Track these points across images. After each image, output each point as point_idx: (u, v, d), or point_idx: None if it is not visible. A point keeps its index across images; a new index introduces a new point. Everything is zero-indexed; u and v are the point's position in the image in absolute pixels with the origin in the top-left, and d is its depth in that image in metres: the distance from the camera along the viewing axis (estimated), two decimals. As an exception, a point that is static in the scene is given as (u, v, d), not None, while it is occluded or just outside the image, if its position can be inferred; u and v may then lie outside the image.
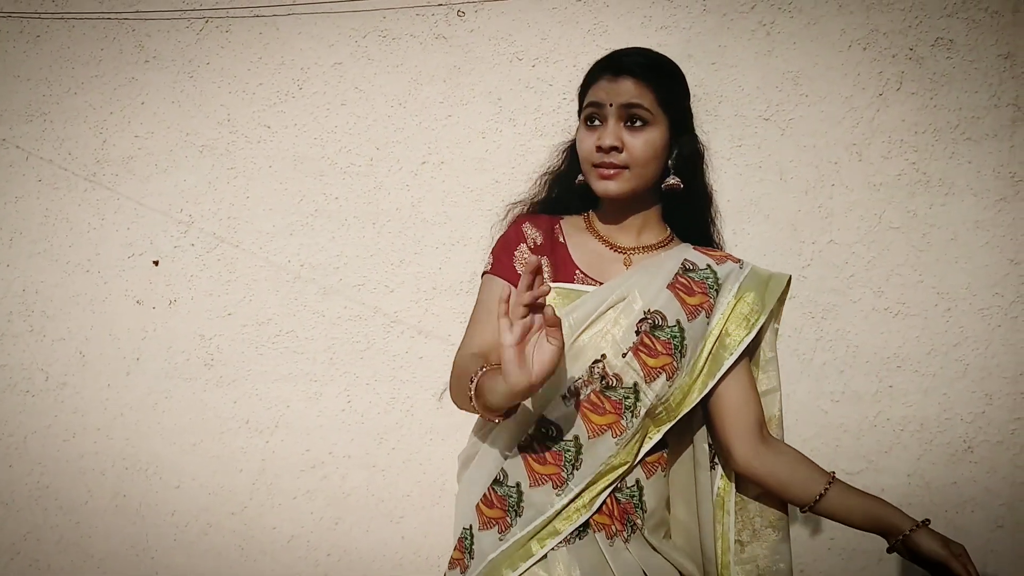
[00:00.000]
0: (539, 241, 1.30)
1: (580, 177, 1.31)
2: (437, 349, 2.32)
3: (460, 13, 2.34)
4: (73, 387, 2.39)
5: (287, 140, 2.36)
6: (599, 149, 1.24)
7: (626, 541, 1.24)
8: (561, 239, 1.32)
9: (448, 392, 1.28)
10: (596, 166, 1.25)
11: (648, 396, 1.23)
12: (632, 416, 1.22)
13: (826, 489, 1.28)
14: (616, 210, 1.31)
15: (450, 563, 1.30)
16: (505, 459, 1.25)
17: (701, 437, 1.33)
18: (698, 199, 1.36)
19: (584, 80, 1.32)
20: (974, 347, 2.24)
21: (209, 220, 2.37)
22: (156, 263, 2.38)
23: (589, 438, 1.22)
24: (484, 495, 1.26)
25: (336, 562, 2.34)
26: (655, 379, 1.23)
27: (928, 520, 1.27)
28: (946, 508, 2.24)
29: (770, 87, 2.29)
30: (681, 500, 1.35)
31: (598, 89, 1.26)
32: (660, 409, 1.25)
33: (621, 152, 1.23)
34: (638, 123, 1.23)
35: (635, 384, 1.22)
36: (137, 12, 2.38)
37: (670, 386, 1.24)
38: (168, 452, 2.37)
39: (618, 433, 1.22)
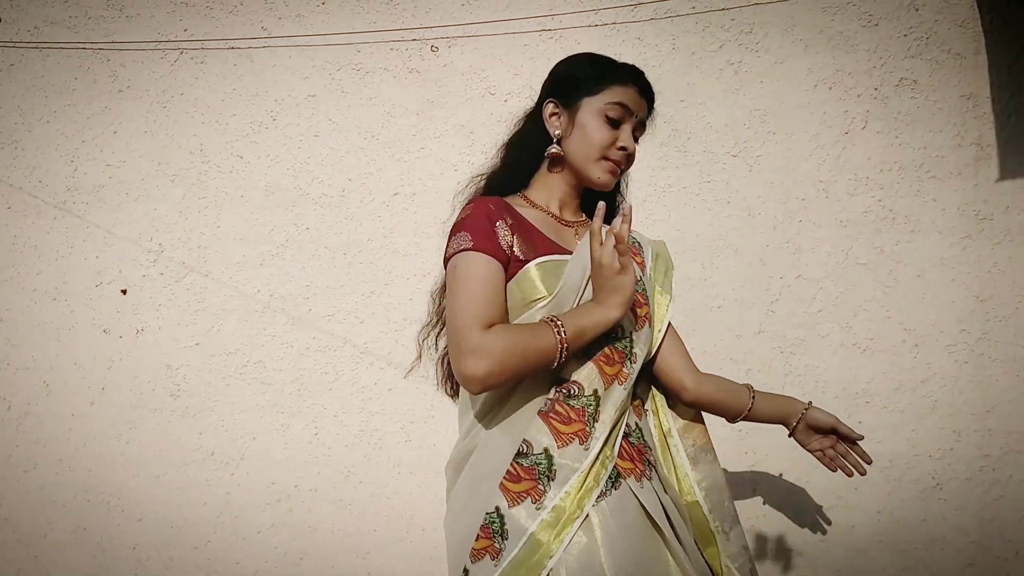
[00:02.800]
0: (509, 220, 1.35)
1: (554, 148, 1.42)
2: (407, 381, 2.31)
3: (433, 48, 2.37)
4: (36, 416, 2.35)
5: (259, 170, 2.37)
6: (621, 149, 1.40)
7: (650, 479, 1.34)
8: (521, 216, 1.38)
9: (466, 372, 1.24)
10: (610, 159, 1.40)
11: (639, 344, 1.37)
12: (631, 363, 1.35)
13: (753, 398, 1.54)
14: (561, 190, 1.45)
15: (473, 555, 1.26)
16: (526, 430, 1.28)
17: (642, 389, 1.47)
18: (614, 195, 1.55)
19: (603, 68, 1.42)
20: (942, 383, 2.25)
21: (179, 249, 2.36)
22: (124, 292, 2.37)
23: (605, 389, 1.31)
24: (508, 472, 1.26)
25: (300, 598, 2.30)
26: (643, 327, 1.39)
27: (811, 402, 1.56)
28: (916, 545, 2.23)
29: (738, 124, 2.33)
30: None
31: (629, 96, 1.40)
32: (647, 355, 1.41)
33: (632, 157, 1.44)
34: (639, 135, 1.46)
35: (631, 333, 1.36)
36: (112, 42, 2.39)
37: (649, 330, 1.41)
38: (131, 484, 2.32)
39: (623, 380, 1.33)
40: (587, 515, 1.24)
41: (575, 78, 1.42)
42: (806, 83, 2.32)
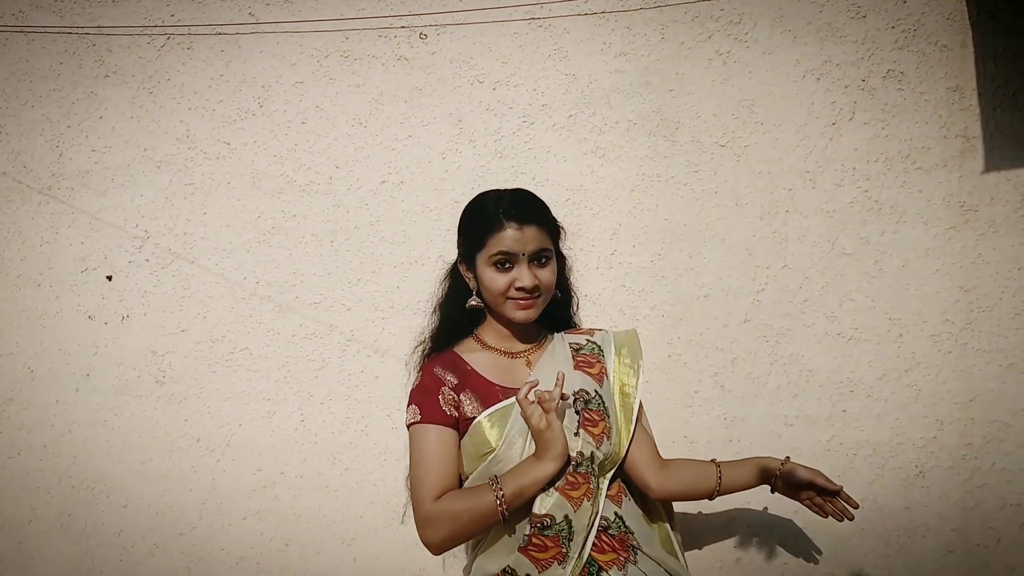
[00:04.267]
0: (454, 381, 1.52)
1: (472, 302, 1.55)
2: (393, 369, 2.31)
3: (422, 35, 2.37)
4: (20, 403, 2.34)
5: (246, 157, 2.36)
6: (520, 289, 1.49)
7: (635, 563, 1.46)
8: (468, 367, 1.55)
9: (428, 529, 1.44)
10: (513, 299, 1.50)
11: (599, 456, 1.49)
12: (595, 478, 1.48)
13: (720, 476, 1.59)
14: (500, 329, 1.59)
15: None
16: (507, 559, 1.44)
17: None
18: (567, 296, 1.67)
19: (478, 223, 1.52)
20: (925, 373, 2.26)
21: (165, 236, 2.35)
22: (110, 278, 2.36)
23: (575, 511, 1.45)
24: None
25: (285, 585, 2.30)
26: (602, 442, 1.50)
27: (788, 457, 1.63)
28: (898, 533, 2.25)
29: (726, 114, 2.33)
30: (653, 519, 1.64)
31: (505, 239, 1.48)
32: (609, 460, 1.52)
33: (538, 288, 1.50)
34: (543, 261, 1.51)
35: (592, 453, 1.48)
36: (98, 27, 2.37)
37: (611, 443, 1.51)
38: (116, 471, 2.32)
39: (591, 496, 1.47)
40: None
41: (467, 238, 1.55)
42: (794, 74, 2.33)
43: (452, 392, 1.51)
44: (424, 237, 2.33)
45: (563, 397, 1.42)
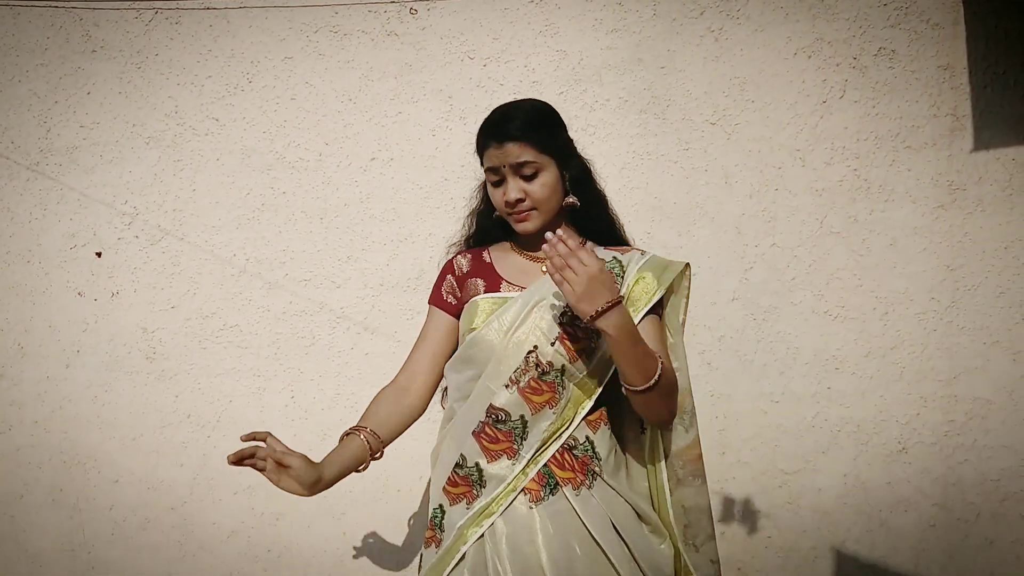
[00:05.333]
0: (466, 268, 1.61)
1: (497, 213, 1.58)
2: (383, 345, 2.32)
3: (412, 11, 2.35)
4: (11, 379, 2.35)
5: (235, 133, 2.35)
6: (507, 204, 1.50)
7: (590, 488, 1.46)
8: (488, 260, 1.62)
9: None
10: (510, 214, 1.52)
11: (573, 376, 1.48)
12: (563, 390, 1.47)
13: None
14: (529, 235, 1.56)
15: (425, 542, 1.54)
16: (463, 445, 1.48)
17: (630, 410, 1.52)
18: (595, 206, 1.60)
19: (477, 144, 1.56)
20: (910, 351, 2.29)
21: (154, 212, 2.35)
22: (99, 255, 2.35)
23: (532, 414, 1.46)
24: (449, 478, 1.49)
25: (276, 558, 2.33)
26: (577, 360, 1.47)
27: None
28: (880, 508, 2.28)
29: (717, 92, 2.33)
30: (631, 455, 1.60)
31: (490, 156, 1.50)
32: (587, 383, 1.49)
33: (525, 200, 1.50)
34: (530, 173, 1.49)
35: (563, 366, 1.47)
36: (85, 1, 2.35)
37: (590, 362, 1.48)
38: (107, 446, 2.33)
39: (554, 405, 1.47)
40: (504, 510, 1.44)
41: (478, 156, 1.57)
42: (785, 51, 2.32)
43: (455, 280, 1.60)
44: (414, 214, 2.33)
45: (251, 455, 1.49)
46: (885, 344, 2.29)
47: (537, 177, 1.49)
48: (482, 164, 1.54)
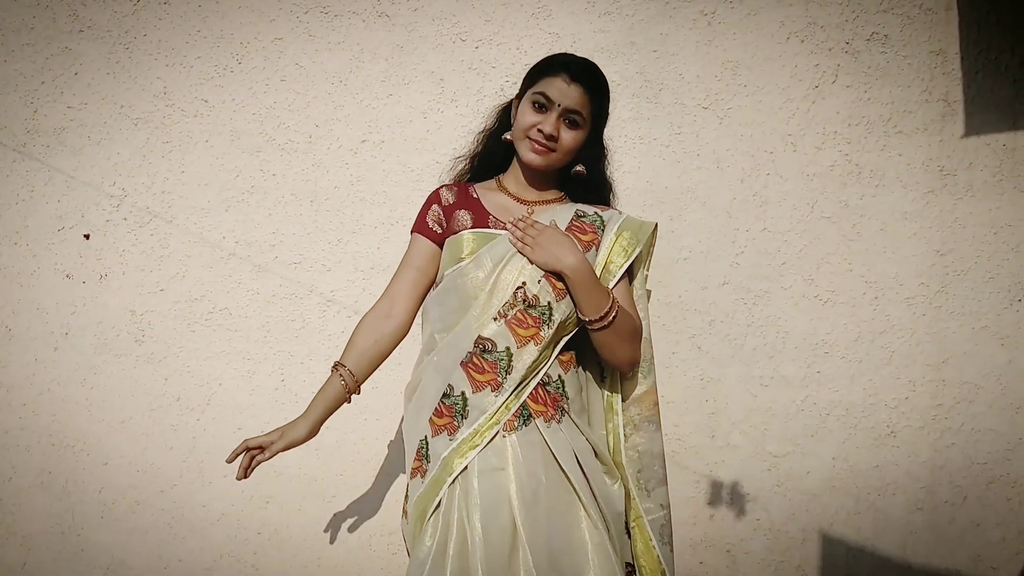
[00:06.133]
0: (452, 200, 1.68)
1: (507, 135, 1.66)
2: (374, 329, 2.31)
3: (403, -9, 2.33)
4: (-2, 362, 2.34)
5: (224, 115, 2.33)
6: (539, 131, 1.58)
7: (559, 422, 1.56)
8: (475, 196, 1.68)
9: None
10: (531, 139, 1.59)
11: (558, 312, 1.56)
12: (548, 327, 1.55)
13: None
14: (525, 173, 1.68)
15: (411, 473, 1.61)
16: (451, 375, 1.55)
17: (594, 359, 1.66)
18: (599, 186, 1.71)
19: (540, 66, 1.63)
20: (899, 335, 2.30)
21: (143, 194, 2.33)
22: (87, 237, 2.33)
23: (518, 347, 1.54)
24: (435, 408, 1.56)
25: (266, 541, 2.33)
26: (563, 297, 1.56)
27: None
28: (868, 491, 2.30)
29: (710, 76, 2.32)
30: (591, 401, 1.71)
31: (552, 85, 1.58)
32: (567, 322, 1.58)
33: (556, 140, 1.59)
34: (574, 124, 1.60)
35: (548, 303, 1.56)
36: (71, -21, 2.32)
37: (570, 303, 1.57)
38: (96, 429, 2.32)
39: (539, 341, 1.55)
40: (487, 444, 1.51)
41: (528, 76, 1.65)
42: (778, 36, 2.32)
43: (441, 210, 1.67)
44: (405, 197, 2.32)
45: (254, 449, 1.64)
46: (874, 328, 2.30)
47: (574, 130, 1.60)
48: (530, 85, 1.61)
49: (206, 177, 2.33)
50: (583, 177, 1.66)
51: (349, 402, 1.66)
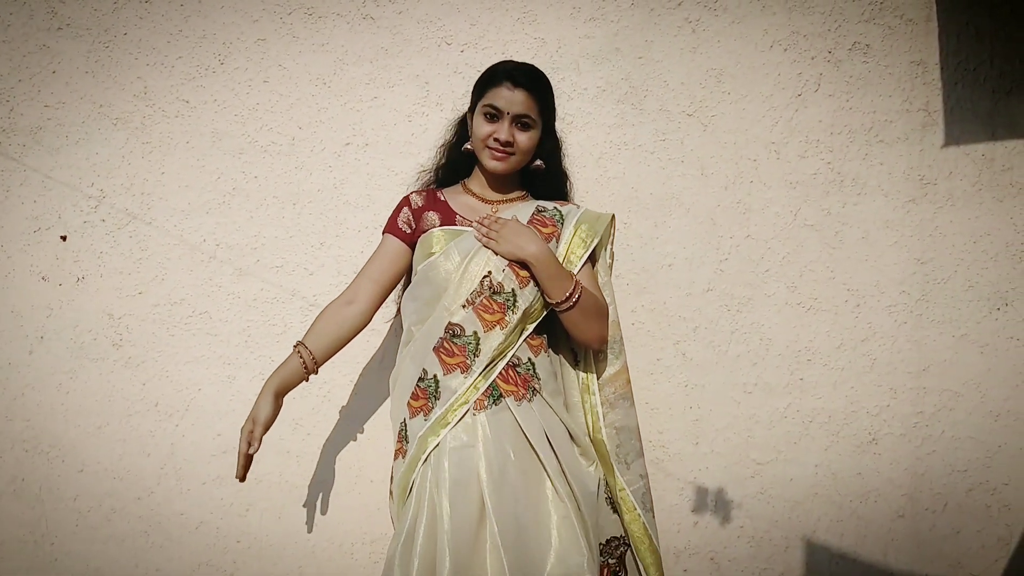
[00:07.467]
0: (420, 203, 1.85)
1: (466, 146, 1.83)
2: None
3: (389, -6, 2.32)
4: (-30, 366, 2.28)
5: (206, 116, 2.30)
6: (495, 140, 1.74)
7: (530, 401, 1.68)
8: (442, 199, 1.85)
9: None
10: (490, 148, 1.76)
11: (522, 299, 1.70)
12: (512, 313, 1.69)
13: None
14: (487, 176, 1.84)
15: (395, 454, 1.75)
16: (424, 360, 1.70)
17: (567, 345, 1.83)
18: (556, 177, 1.90)
19: (484, 78, 1.80)
20: (881, 343, 2.31)
21: (121, 195, 2.29)
22: (64, 238, 2.29)
23: (485, 331, 1.68)
24: (412, 392, 1.70)
25: (246, 549, 2.29)
26: (527, 285, 1.71)
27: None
28: (851, 498, 2.31)
29: (694, 83, 2.33)
30: (567, 386, 1.85)
31: (498, 95, 1.74)
32: (532, 308, 1.72)
33: (512, 145, 1.76)
34: (525, 126, 1.76)
35: (512, 290, 1.70)
36: (50, -24, 2.28)
37: (537, 291, 1.72)
38: (72, 434, 2.28)
39: (504, 326, 1.68)
40: (458, 421, 1.63)
41: (475, 90, 1.82)
42: (762, 44, 2.33)
43: (411, 212, 1.83)
44: (389, 201, 2.28)
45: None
46: (856, 336, 2.31)
47: (527, 131, 1.76)
48: (479, 98, 1.77)
49: (187, 179, 2.29)
50: (541, 171, 1.83)
51: (307, 380, 1.79)
